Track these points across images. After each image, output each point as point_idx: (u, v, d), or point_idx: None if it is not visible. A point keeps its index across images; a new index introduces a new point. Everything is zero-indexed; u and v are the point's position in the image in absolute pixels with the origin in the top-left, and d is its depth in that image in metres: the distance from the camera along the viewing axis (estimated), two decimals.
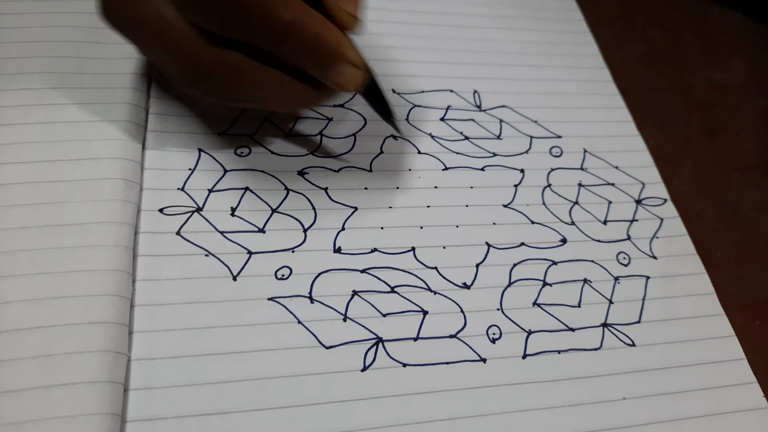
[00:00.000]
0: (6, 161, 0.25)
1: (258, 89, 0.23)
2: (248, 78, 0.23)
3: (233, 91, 0.24)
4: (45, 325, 0.21)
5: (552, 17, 0.38)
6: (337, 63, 0.23)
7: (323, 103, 0.26)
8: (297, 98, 0.24)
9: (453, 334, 0.25)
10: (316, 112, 0.30)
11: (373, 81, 0.26)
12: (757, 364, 0.27)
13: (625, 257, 0.29)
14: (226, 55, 0.23)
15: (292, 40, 0.22)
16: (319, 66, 0.23)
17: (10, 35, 0.28)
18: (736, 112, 0.37)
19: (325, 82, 0.24)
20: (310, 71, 0.23)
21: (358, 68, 0.24)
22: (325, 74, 0.23)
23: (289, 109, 0.25)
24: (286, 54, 0.23)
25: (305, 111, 0.25)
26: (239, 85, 0.23)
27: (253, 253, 0.25)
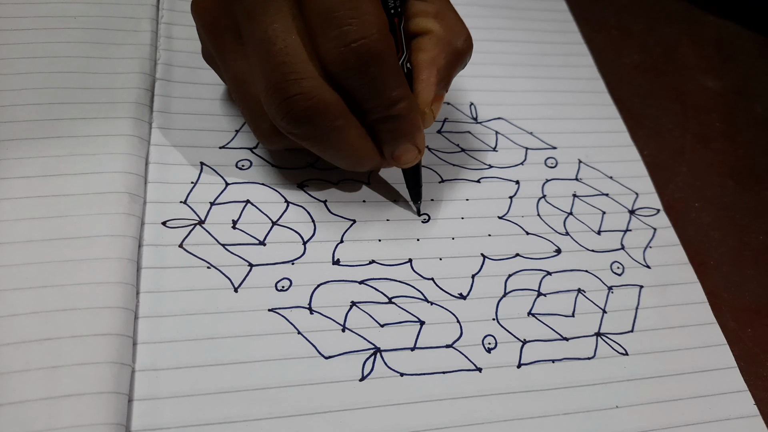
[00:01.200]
0: (12, 176, 0.25)
1: (346, 140, 0.25)
2: (348, 126, 0.24)
3: (325, 136, 0.24)
4: (51, 336, 0.22)
5: (547, 29, 0.38)
6: (408, 143, 0.26)
7: (372, 169, 0.28)
8: (364, 158, 0.26)
9: (449, 344, 0.25)
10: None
11: (417, 167, 0.28)
12: (749, 371, 0.27)
13: (619, 267, 0.29)
14: (337, 98, 0.24)
15: (392, 110, 0.24)
16: (396, 138, 0.26)
17: (16, 50, 0.29)
18: (731, 120, 0.38)
19: (387, 152, 0.26)
20: (385, 139, 0.26)
21: (419, 152, 0.27)
22: (394, 147, 0.26)
23: (351, 164, 0.26)
24: (378, 117, 0.25)
25: (356, 169, 0.27)
26: (336, 130, 0.24)
27: (254, 266, 0.26)
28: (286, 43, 0.23)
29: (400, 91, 0.24)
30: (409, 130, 0.25)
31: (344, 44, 0.22)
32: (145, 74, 0.29)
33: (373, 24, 0.22)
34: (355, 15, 0.22)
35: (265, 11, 0.23)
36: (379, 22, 0.23)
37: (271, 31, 0.23)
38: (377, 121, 0.25)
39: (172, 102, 0.29)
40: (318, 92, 0.23)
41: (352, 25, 0.22)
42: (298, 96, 0.23)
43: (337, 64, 0.23)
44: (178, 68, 0.30)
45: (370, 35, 0.22)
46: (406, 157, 0.26)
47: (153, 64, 0.30)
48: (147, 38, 0.31)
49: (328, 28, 0.22)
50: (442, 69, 0.26)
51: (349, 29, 0.22)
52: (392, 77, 0.24)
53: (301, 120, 0.23)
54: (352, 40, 0.22)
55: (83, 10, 0.31)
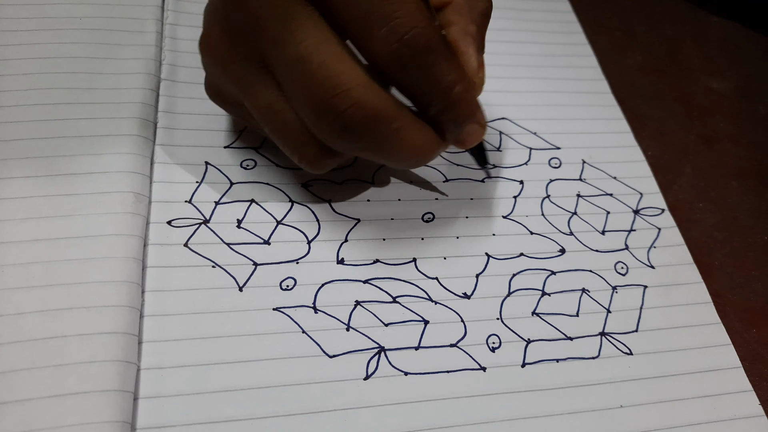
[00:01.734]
0: (18, 175, 0.25)
1: (408, 139, 0.23)
2: (408, 124, 0.23)
3: (386, 141, 0.23)
4: (57, 335, 0.22)
5: (551, 29, 0.38)
6: (471, 122, 0.25)
7: (430, 160, 0.26)
8: (428, 153, 0.24)
9: (453, 343, 0.25)
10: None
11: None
12: (754, 372, 0.27)
13: (623, 267, 0.29)
14: (391, 98, 0.23)
15: (450, 96, 0.23)
16: (459, 124, 0.24)
17: (22, 51, 0.29)
18: (735, 120, 0.38)
19: (451, 137, 0.25)
20: (447, 127, 0.24)
21: (483, 128, 0.25)
22: (457, 130, 0.25)
23: (414, 163, 0.25)
24: (436, 106, 0.24)
25: (420, 165, 0.26)
26: (397, 132, 0.23)
27: (258, 265, 0.26)
28: (323, 57, 0.21)
29: (455, 74, 0.23)
30: (470, 110, 0.24)
31: (396, 40, 0.21)
32: (150, 75, 0.29)
33: (416, 12, 0.21)
34: (397, 8, 0.21)
35: (291, 33, 0.22)
36: (422, 9, 0.22)
37: (304, 49, 0.21)
38: (438, 113, 0.24)
39: (177, 102, 0.29)
40: (371, 98, 0.22)
41: (399, 18, 0.21)
42: (351, 108, 0.21)
43: (392, 61, 0.22)
44: (183, 69, 0.30)
45: (419, 23, 0.21)
46: (472, 138, 0.25)
47: (158, 64, 0.30)
48: (152, 39, 0.31)
49: (374, 29, 0.21)
50: (476, 35, 0.25)
51: (397, 23, 0.21)
52: (446, 62, 0.23)
53: (360, 132, 0.22)
54: (404, 33, 0.21)
55: (88, 11, 0.31)
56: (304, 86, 0.22)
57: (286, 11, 0.22)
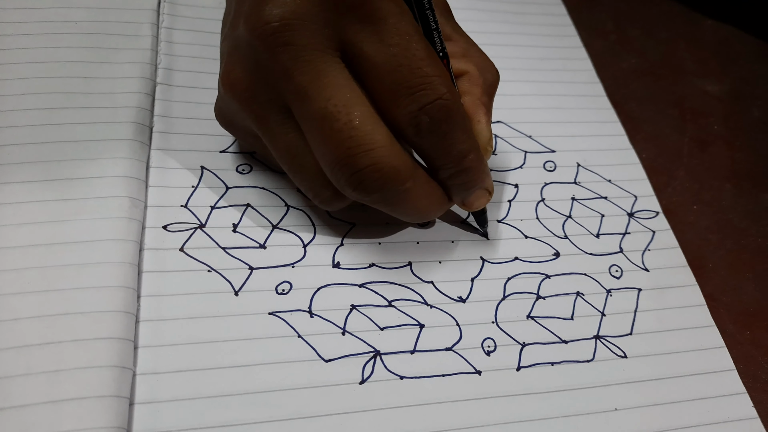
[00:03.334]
0: (14, 180, 0.25)
1: (416, 198, 0.24)
2: (419, 185, 0.24)
3: (395, 198, 0.24)
4: (52, 341, 0.22)
5: (545, 33, 0.39)
6: (478, 189, 0.26)
7: (435, 217, 0.27)
8: (433, 211, 0.26)
9: (449, 347, 0.26)
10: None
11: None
12: (748, 374, 0.27)
13: (618, 270, 0.29)
14: (407, 159, 0.23)
15: (463, 164, 0.24)
16: (467, 189, 0.26)
17: (17, 56, 0.29)
18: (729, 123, 0.38)
19: (457, 199, 0.26)
20: (456, 190, 0.26)
21: (490, 194, 0.27)
22: (466, 196, 0.26)
23: (421, 219, 0.26)
24: (448, 171, 0.25)
25: (423, 220, 0.27)
26: (407, 191, 0.24)
27: (254, 269, 0.26)
28: (350, 117, 0.22)
29: (469, 143, 0.24)
30: (480, 178, 0.25)
31: (418, 108, 0.22)
32: (146, 79, 0.30)
33: (441, 84, 0.22)
34: (423, 82, 0.22)
35: (320, 89, 0.22)
36: (445, 79, 0.23)
37: (332, 107, 0.22)
38: (449, 177, 0.25)
39: (172, 106, 0.29)
40: (388, 160, 0.22)
41: (423, 90, 0.22)
42: (368, 168, 0.22)
43: (411, 128, 0.23)
44: (178, 72, 0.30)
45: (442, 95, 0.22)
46: (479, 203, 0.26)
47: (154, 68, 0.30)
48: (148, 43, 0.31)
49: (399, 97, 0.22)
50: (488, 105, 0.26)
51: (421, 95, 0.22)
52: (461, 131, 0.24)
53: (372, 190, 0.23)
54: (427, 102, 0.22)
55: (84, 16, 0.31)
56: (327, 141, 0.22)
57: (317, 66, 0.22)
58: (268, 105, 0.23)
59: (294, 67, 0.22)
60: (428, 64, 0.22)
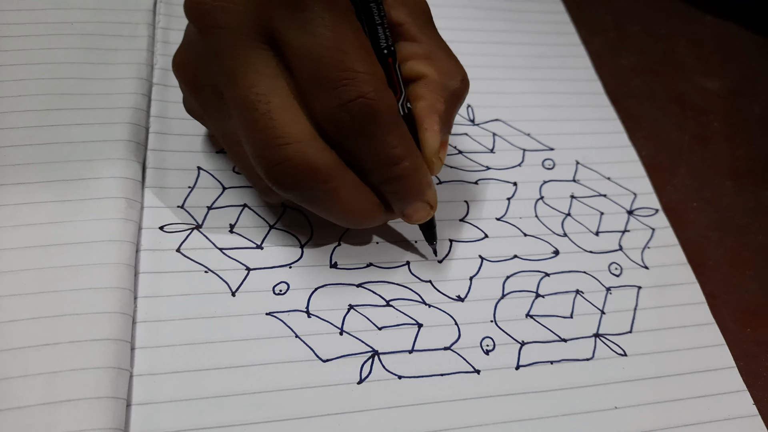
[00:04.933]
0: (10, 182, 0.25)
1: (342, 201, 0.23)
2: (343, 187, 0.23)
3: (318, 199, 0.23)
4: (49, 342, 0.22)
5: (544, 30, 0.38)
6: (417, 202, 0.24)
7: (377, 224, 0.26)
8: (366, 218, 0.24)
9: (447, 346, 0.25)
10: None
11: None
12: (748, 371, 0.27)
13: (617, 268, 0.29)
14: (334, 158, 0.22)
15: (394, 171, 0.23)
16: (402, 199, 0.24)
17: (14, 57, 0.29)
18: (729, 120, 0.38)
19: (397, 210, 0.25)
20: (391, 199, 0.24)
21: (431, 208, 0.25)
22: (404, 207, 0.25)
23: (351, 224, 0.25)
24: (380, 177, 0.23)
25: (361, 227, 0.26)
26: (330, 192, 0.23)
27: (251, 269, 0.26)
28: (269, 107, 0.21)
29: (402, 149, 0.23)
30: (416, 188, 0.24)
31: (338, 105, 0.21)
32: (143, 79, 0.29)
33: (366, 82, 0.21)
34: (346, 76, 0.21)
35: (244, 74, 0.21)
36: (374, 77, 0.21)
37: (252, 95, 0.21)
38: (380, 183, 0.24)
39: (169, 107, 0.29)
40: (305, 156, 0.21)
41: (346, 85, 0.21)
42: (283, 163, 0.21)
43: (331, 124, 0.22)
44: None
45: (365, 93, 0.21)
46: (417, 216, 0.25)
47: (150, 69, 0.30)
48: (144, 43, 0.31)
49: (320, 90, 0.21)
50: (443, 114, 0.24)
51: (342, 91, 0.21)
52: (392, 135, 0.22)
53: (290, 186, 0.22)
54: (346, 100, 0.21)
55: (80, 17, 0.31)
56: (247, 130, 0.22)
57: (244, 51, 0.21)
58: (209, 89, 0.23)
59: (223, 51, 0.21)
60: (354, 58, 0.21)
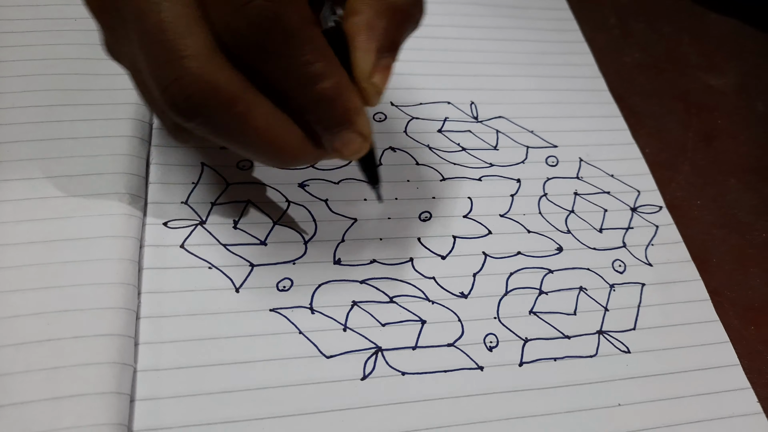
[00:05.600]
0: (14, 177, 0.25)
1: (255, 130, 0.20)
2: (254, 113, 0.20)
3: (226, 127, 0.20)
4: (53, 337, 0.22)
5: (548, 27, 0.38)
6: (347, 130, 0.21)
7: (309, 164, 0.23)
8: (289, 152, 0.21)
9: (451, 343, 0.25)
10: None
11: (370, 152, 0.24)
12: (753, 369, 0.27)
13: (621, 265, 0.29)
14: (240, 79, 0.19)
15: (313, 91, 0.20)
16: (329, 127, 0.21)
17: (17, 53, 0.29)
18: (733, 117, 0.38)
19: (327, 144, 0.22)
20: (318, 129, 0.21)
21: (364, 140, 0.22)
22: (332, 138, 0.22)
23: (274, 161, 0.22)
24: (298, 102, 0.21)
25: (287, 165, 0.22)
26: (238, 118, 0.20)
27: (255, 266, 0.26)
28: (162, 17, 0.18)
29: (320, 66, 0.19)
30: (343, 114, 0.21)
31: (232, 9, 0.18)
32: None
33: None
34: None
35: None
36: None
37: (144, 3, 0.18)
38: (300, 109, 0.20)
39: None
40: (202, 73, 0.18)
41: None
42: (177, 81, 0.18)
43: (229, 34, 0.19)
44: None
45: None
46: (348, 149, 0.22)
47: None
48: None
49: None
50: (383, 32, 0.21)
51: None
52: (306, 48, 0.19)
53: (189, 110, 0.19)
54: (241, 4, 0.18)
55: (82, 12, 0.31)
56: (140, 45, 0.19)
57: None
58: (113, 12, 0.20)
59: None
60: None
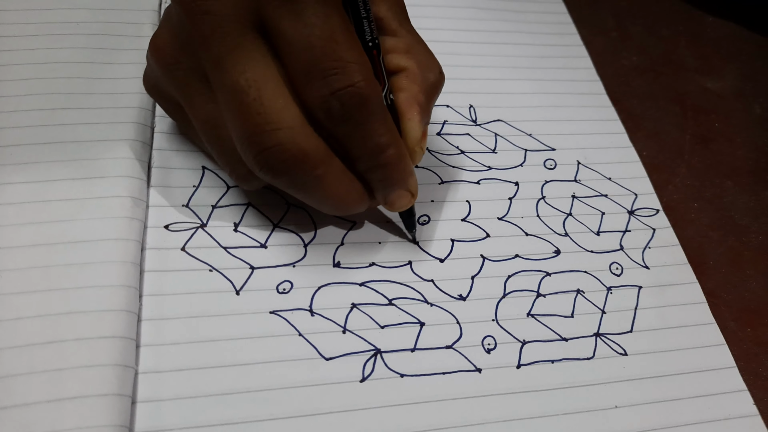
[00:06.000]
0: (17, 181, 0.25)
1: (329, 187, 0.24)
2: (331, 174, 0.23)
3: (306, 185, 0.23)
4: (55, 339, 0.22)
5: (546, 31, 0.39)
6: (400, 189, 0.25)
7: (360, 211, 0.26)
8: (350, 204, 0.25)
9: (449, 345, 0.26)
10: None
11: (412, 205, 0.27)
12: (749, 371, 0.27)
13: (618, 267, 0.29)
14: (324, 146, 0.23)
15: (381, 158, 0.24)
16: (386, 187, 0.25)
17: (20, 56, 0.29)
18: (730, 120, 0.38)
19: (379, 196, 0.26)
20: (375, 186, 0.25)
21: (413, 196, 0.26)
22: (386, 194, 0.25)
23: (334, 210, 0.25)
24: (366, 164, 0.24)
25: (344, 213, 0.26)
26: (318, 179, 0.23)
27: (255, 268, 0.26)
28: (260, 93, 0.22)
29: (388, 137, 0.24)
30: (400, 176, 0.25)
31: (329, 93, 0.22)
32: None
33: (356, 72, 0.22)
34: (338, 65, 0.22)
35: (235, 61, 0.22)
36: (363, 67, 0.22)
37: (243, 81, 0.22)
38: (366, 170, 0.24)
39: None
40: (296, 142, 0.22)
41: (336, 74, 0.22)
42: (274, 148, 0.22)
43: (322, 112, 0.22)
44: None
45: (356, 82, 0.22)
46: (399, 203, 0.26)
47: None
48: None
49: (311, 78, 0.22)
50: (424, 105, 0.25)
51: (334, 79, 0.22)
52: (379, 123, 0.23)
53: (279, 171, 0.23)
54: (339, 88, 0.22)
55: (85, 16, 0.32)
56: (236, 115, 0.22)
57: (235, 38, 0.22)
58: (190, 73, 0.23)
59: (212, 37, 0.22)
60: (345, 48, 0.22)
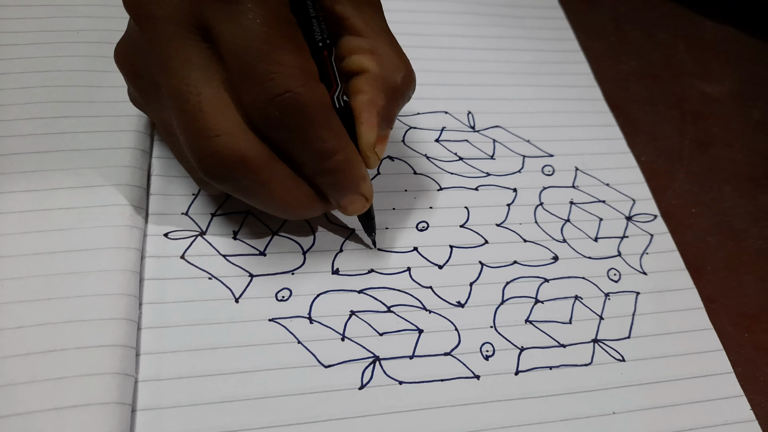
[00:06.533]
0: (18, 189, 0.26)
1: (275, 193, 0.23)
2: (276, 179, 0.23)
3: (251, 190, 0.23)
4: (56, 348, 0.22)
5: (544, 37, 0.39)
6: (352, 194, 0.25)
7: (315, 216, 0.26)
8: (301, 209, 0.24)
9: (448, 352, 0.26)
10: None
11: (369, 207, 0.27)
12: (746, 376, 0.27)
13: (616, 273, 0.30)
14: (266, 151, 0.23)
15: (327, 164, 0.23)
16: (337, 191, 0.24)
17: (21, 65, 0.29)
18: (729, 125, 0.38)
19: (333, 201, 0.25)
20: (326, 191, 0.25)
21: (367, 201, 0.25)
22: (339, 199, 0.25)
23: (286, 215, 0.25)
24: (313, 170, 0.24)
25: (297, 218, 0.26)
26: (262, 184, 0.23)
27: (254, 276, 0.26)
28: (200, 98, 0.21)
29: (334, 143, 0.23)
30: (350, 181, 0.24)
31: (266, 99, 0.21)
32: None
33: (295, 77, 0.21)
34: (275, 69, 0.21)
35: (178, 65, 0.21)
36: (304, 72, 0.21)
37: (184, 86, 0.21)
38: (314, 175, 0.24)
39: None
40: (235, 149, 0.22)
41: (273, 80, 0.21)
42: (214, 155, 0.22)
43: (260, 118, 0.22)
44: None
45: (294, 89, 0.21)
46: (352, 208, 0.25)
47: None
48: None
49: (249, 83, 0.21)
50: (383, 109, 0.24)
51: (270, 84, 0.21)
52: (322, 129, 0.22)
53: (222, 178, 0.22)
54: (274, 95, 0.21)
55: (86, 24, 0.32)
56: (179, 121, 0.22)
57: (178, 43, 0.21)
58: (147, 79, 0.23)
59: (157, 41, 0.22)
60: (284, 51, 0.21)
